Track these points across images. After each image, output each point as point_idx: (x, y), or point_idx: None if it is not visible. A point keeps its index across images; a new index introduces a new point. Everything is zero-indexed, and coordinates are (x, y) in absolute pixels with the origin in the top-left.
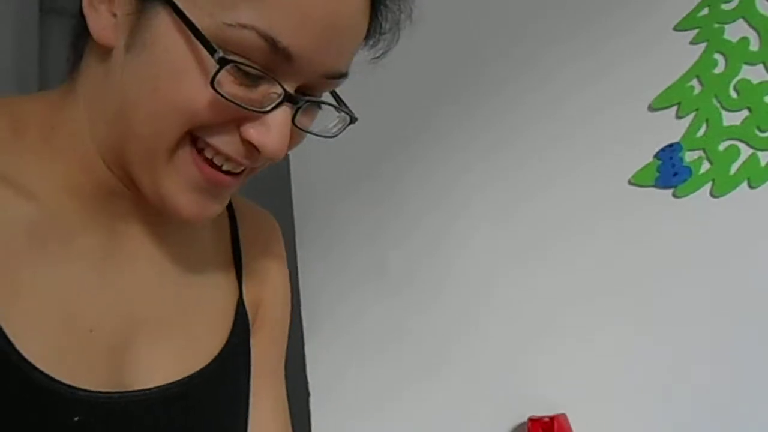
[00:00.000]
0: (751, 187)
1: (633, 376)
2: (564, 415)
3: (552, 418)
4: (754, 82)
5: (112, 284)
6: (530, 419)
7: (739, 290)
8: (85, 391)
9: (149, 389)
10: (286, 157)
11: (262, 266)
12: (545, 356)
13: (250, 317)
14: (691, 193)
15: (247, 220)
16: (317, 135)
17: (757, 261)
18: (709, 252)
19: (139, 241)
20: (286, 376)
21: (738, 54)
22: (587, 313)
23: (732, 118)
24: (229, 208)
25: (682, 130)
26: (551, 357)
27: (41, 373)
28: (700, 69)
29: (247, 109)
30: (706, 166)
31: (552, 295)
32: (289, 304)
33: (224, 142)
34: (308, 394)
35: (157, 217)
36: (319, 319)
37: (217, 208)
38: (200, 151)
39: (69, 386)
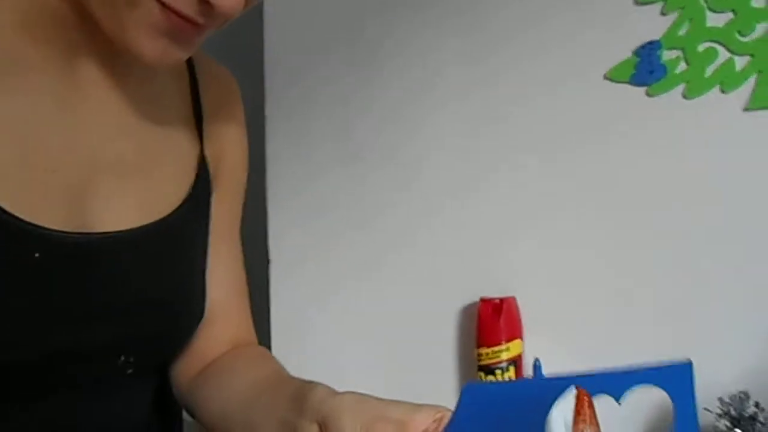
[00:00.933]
0: (723, 91)
1: (583, 265)
2: (513, 298)
3: (502, 300)
4: None
5: (71, 125)
6: (481, 299)
7: (701, 190)
8: (46, 228)
9: (111, 233)
10: (260, 21)
11: (223, 126)
12: (500, 241)
13: (211, 174)
14: (664, 92)
15: (207, 78)
16: None
17: (721, 164)
18: (674, 151)
19: (98, 86)
20: (246, 249)
21: None
22: (545, 204)
23: (715, 20)
24: (190, 65)
25: (664, 28)
26: (505, 242)
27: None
28: None
29: None
30: (682, 66)
31: (514, 184)
32: (246, 168)
33: (179, 2)
34: (268, 261)
35: (113, 61)
36: (283, 195)
37: (181, 55)
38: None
39: (28, 223)
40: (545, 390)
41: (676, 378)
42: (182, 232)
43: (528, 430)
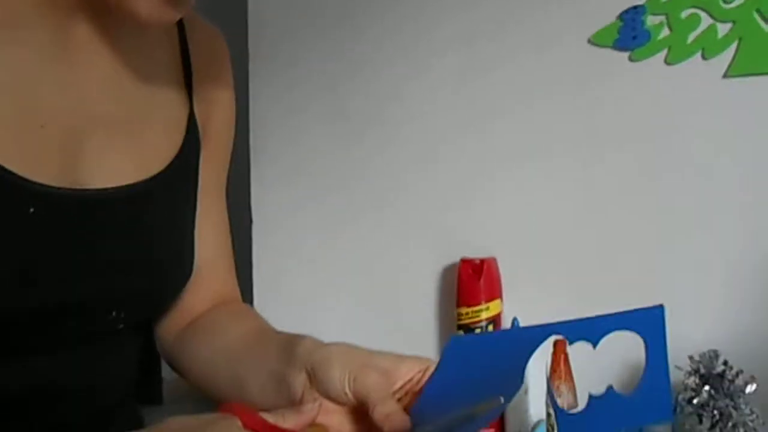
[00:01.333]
0: (704, 58)
1: (562, 228)
2: (493, 259)
3: (482, 261)
4: None
5: (63, 81)
6: (462, 260)
7: (681, 154)
8: (40, 184)
9: (104, 189)
10: None
11: (212, 85)
12: (480, 203)
13: (200, 132)
14: (647, 57)
15: (196, 37)
16: None
17: (700, 129)
18: (655, 116)
19: (91, 44)
20: (231, 208)
21: None
22: (527, 166)
23: None
24: (180, 24)
25: None
26: (486, 204)
27: None
28: None
29: None
30: (665, 32)
31: (497, 147)
32: (233, 129)
33: None
34: (251, 221)
35: (105, 20)
36: (266, 150)
37: (175, 15)
38: None
39: (22, 177)
40: (525, 338)
41: (648, 322)
42: (173, 190)
43: (509, 377)
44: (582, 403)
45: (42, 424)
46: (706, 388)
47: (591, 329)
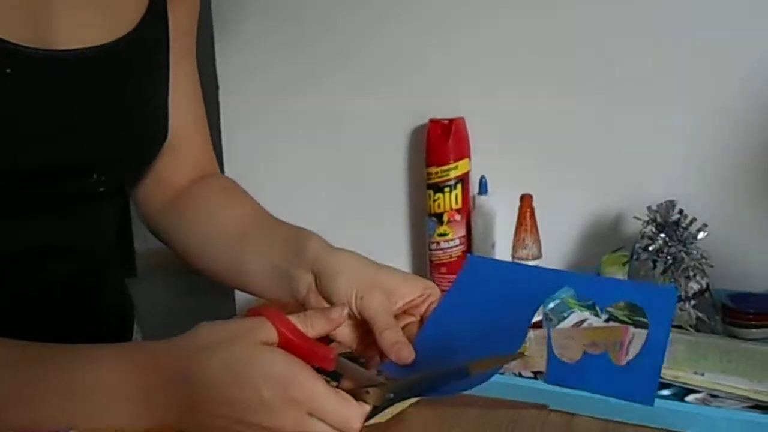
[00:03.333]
0: None
1: (529, 87)
2: (462, 119)
3: (451, 121)
4: None
5: None
6: (431, 120)
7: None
8: (15, 44)
9: (79, 49)
10: None
11: None
12: (449, 63)
13: None
14: None
15: None
16: None
17: None
18: None
19: None
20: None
21: None
22: (494, 26)
23: None
24: None
25: None
26: (455, 64)
27: None
28: None
29: None
30: None
31: (465, 6)
32: None
33: None
34: (217, 87)
35: None
36: (231, 9)
37: None
38: None
39: None
40: (538, 283)
41: (659, 299)
42: (145, 49)
43: (511, 335)
44: (545, 255)
45: (30, 280)
46: (662, 235)
47: (601, 291)
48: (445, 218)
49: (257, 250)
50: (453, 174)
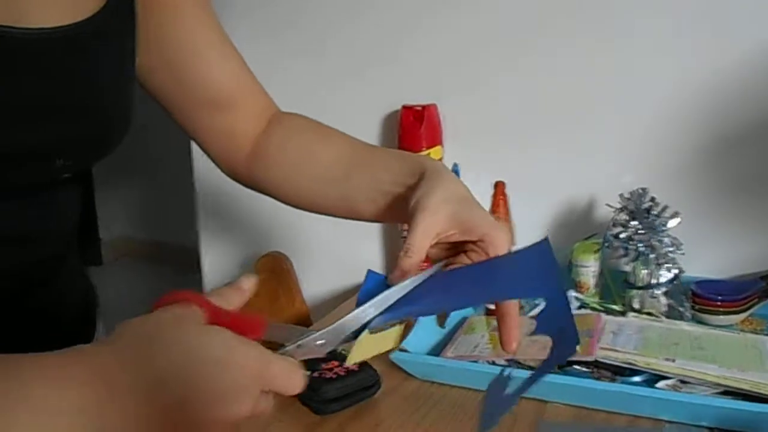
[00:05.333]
0: None
1: (501, 75)
2: (434, 106)
3: (423, 107)
4: None
5: None
6: (403, 107)
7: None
8: None
9: (46, 28)
10: None
11: None
12: (423, 49)
13: None
14: None
15: None
16: None
17: None
18: None
19: None
20: None
21: None
22: (468, 14)
23: None
24: None
25: None
26: (429, 50)
27: None
28: None
29: None
30: None
31: None
32: None
33: None
34: None
35: None
36: None
37: None
38: None
39: None
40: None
41: (536, 259)
42: (110, 31)
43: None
44: (518, 242)
45: None
46: (634, 222)
47: (486, 282)
48: None
49: (366, 182)
50: None
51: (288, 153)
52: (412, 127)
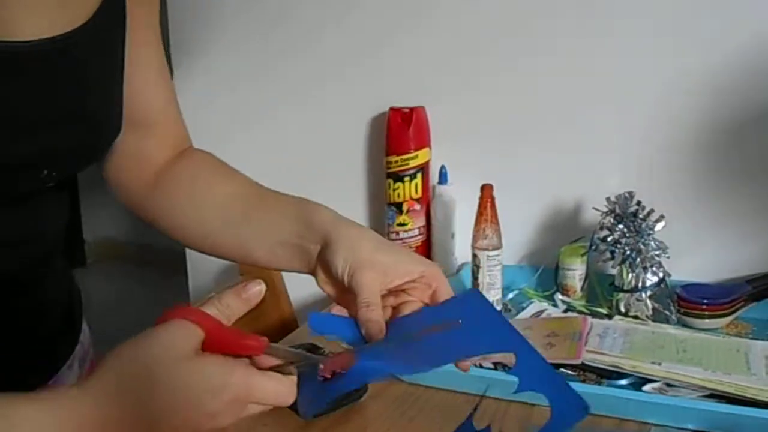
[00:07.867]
0: None
1: (489, 76)
2: (422, 108)
3: (412, 109)
4: None
5: None
6: (391, 109)
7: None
8: None
9: (34, 41)
10: None
11: None
12: (411, 51)
13: None
14: None
15: None
16: None
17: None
18: None
19: None
20: None
21: None
22: (456, 17)
23: None
24: None
25: None
26: (417, 52)
27: None
28: None
29: None
30: None
31: None
32: None
33: None
34: (171, 72)
35: None
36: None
37: None
38: None
39: None
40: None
41: (471, 306)
42: (99, 41)
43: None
44: (505, 246)
45: None
46: (620, 226)
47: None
48: (405, 208)
49: (262, 226)
50: (413, 163)
51: (188, 186)
52: (400, 129)
